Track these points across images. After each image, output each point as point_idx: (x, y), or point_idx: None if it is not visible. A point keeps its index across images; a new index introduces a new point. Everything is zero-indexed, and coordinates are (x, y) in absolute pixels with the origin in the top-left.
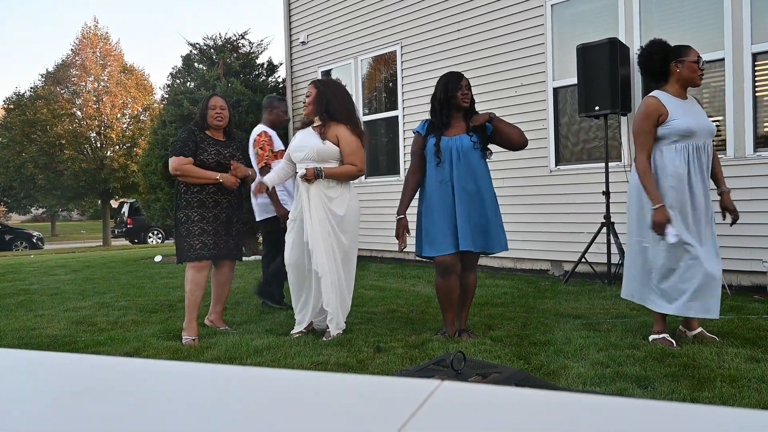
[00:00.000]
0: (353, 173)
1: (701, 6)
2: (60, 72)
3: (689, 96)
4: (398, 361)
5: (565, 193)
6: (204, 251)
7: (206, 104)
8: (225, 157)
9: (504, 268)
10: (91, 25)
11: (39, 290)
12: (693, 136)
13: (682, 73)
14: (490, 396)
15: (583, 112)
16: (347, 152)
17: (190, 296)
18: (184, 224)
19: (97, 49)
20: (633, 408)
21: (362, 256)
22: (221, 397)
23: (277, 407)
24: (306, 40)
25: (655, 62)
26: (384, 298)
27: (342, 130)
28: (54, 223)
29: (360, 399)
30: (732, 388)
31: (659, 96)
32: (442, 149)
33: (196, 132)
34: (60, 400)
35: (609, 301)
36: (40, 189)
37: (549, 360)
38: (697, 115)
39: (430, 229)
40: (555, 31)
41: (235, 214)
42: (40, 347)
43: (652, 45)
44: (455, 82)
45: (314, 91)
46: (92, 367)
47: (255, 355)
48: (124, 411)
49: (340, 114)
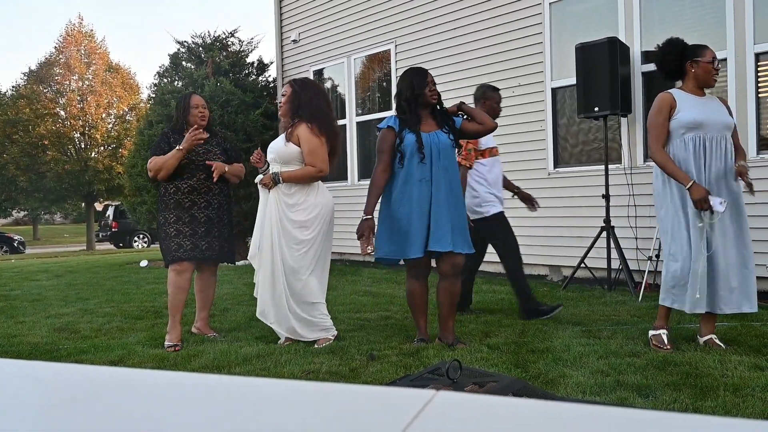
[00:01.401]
0: (312, 174)
1: (703, 5)
2: (43, 70)
3: (708, 93)
4: (392, 369)
5: (564, 196)
6: (179, 253)
7: (187, 104)
8: (198, 154)
9: (501, 273)
10: (76, 23)
11: (20, 296)
12: (701, 127)
13: (696, 73)
14: (487, 406)
15: (583, 113)
16: (305, 152)
17: (171, 299)
18: (163, 227)
19: (82, 47)
20: (634, 418)
21: (355, 261)
22: (209, 408)
23: (267, 419)
24: (298, 39)
25: (671, 62)
26: (377, 304)
27: (302, 129)
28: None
29: (352, 409)
30: (735, 397)
31: (672, 92)
32: (424, 144)
33: (170, 134)
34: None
35: (609, 308)
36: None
37: (547, 368)
38: (710, 109)
39: (403, 231)
40: (553, 30)
41: (217, 215)
42: (21, 355)
43: (668, 44)
44: (422, 79)
45: (289, 90)
46: (75, 377)
47: (244, 363)
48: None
49: (305, 113)
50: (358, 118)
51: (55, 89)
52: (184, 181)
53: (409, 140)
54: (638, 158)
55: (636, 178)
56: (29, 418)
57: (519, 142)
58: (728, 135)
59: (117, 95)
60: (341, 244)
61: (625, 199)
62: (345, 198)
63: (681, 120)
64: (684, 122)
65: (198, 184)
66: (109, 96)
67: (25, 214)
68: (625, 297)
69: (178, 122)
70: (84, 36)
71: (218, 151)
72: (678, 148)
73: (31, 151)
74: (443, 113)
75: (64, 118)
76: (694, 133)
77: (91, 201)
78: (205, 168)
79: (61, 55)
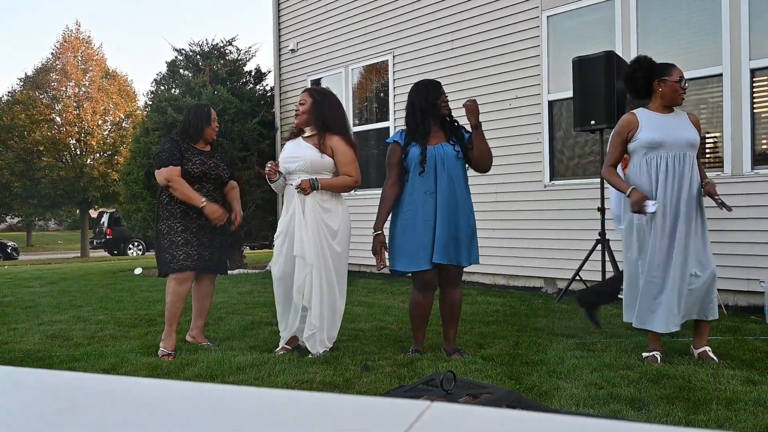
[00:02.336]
0: (349, 184)
1: (699, 20)
2: (39, 76)
3: (678, 110)
4: (386, 380)
5: (560, 209)
6: (188, 262)
7: (208, 116)
8: (210, 167)
9: (496, 285)
10: (73, 29)
11: (13, 303)
12: (661, 146)
13: (663, 92)
14: (481, 417)
15: (579, 126)
16: (343, 162)
17: (170, 308)
18: (167, 235)
19: (79, 54)
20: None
21: (351, 270)
22: (202, 417)
23: (260, 428)
24: (295, 48)
25: (639, 79)
26: (372, 314)
27: (336, 141)
28: (30, 232)
29: (346, 420)
30: (728, 411)
31: (637, 112)
32: (428, 158)
33: (180, 142)
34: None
35: (603, 321)
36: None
37: (541, 380)
38: (671, 127)
39: (410, 243)
40: (551, 43)
41: (221, 226)
42: (13, 362)
43: (636, 62)
44: (436, 89)
45: (309, 100)
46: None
47: (238, 372)
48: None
49: (335, 125)
50: (355, 128)
51: (52, 95)
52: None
53: (413, 153)
54: None
55: None
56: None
57: (515, 154)
58: (691, 153)
59: (113, 102)
60: None
61: None
62: None
63: (641, 140)
64: (643, 142)
65: (206, 195)
66: (105, 103)
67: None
68: (619, 310)
69: (194, 131)
70: (81, 42)
71: (224, 165)
72: (639, 168)
73: (26, 157)
74: (453, 125)
75: (59, 124)
76: (656, 153)
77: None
78: (214, 179)
79: (58, 61)
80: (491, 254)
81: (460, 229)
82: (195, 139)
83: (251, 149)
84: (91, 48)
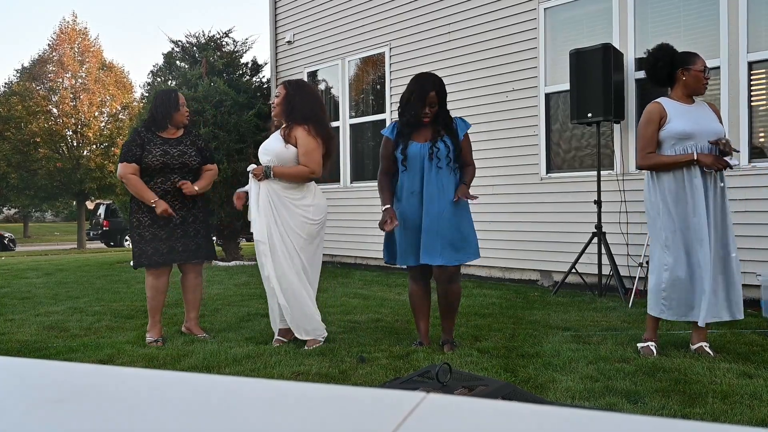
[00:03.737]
0: (304, 174)
1: (697, 13)
2: (36, 68)
3: (699, 100)
4: (382, 372)
5: (556, 202)
6: (156, 257)
7: (176, 102)
8: (173, 156)
9: (492, 277)
10: (70, 20)
11: (9, 294)
12: (691, 138)
13: (687, 81)
14: (477, 409)
15: (576, 119)
16: (301, 153)
17: (150, 301)
18: (136, 229)
19: (75, 45)
20: (622, 423)
21: (346, 263)
22: (198, 408)
23: (256, 419)
24: (292, 40)
25: (662, 69)
26: (368, 306)
27: (299, 131)
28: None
29: (342, 411)
30: (724, 404)
31: (662, 101)
32: (412, 156)
33: (143, 133)
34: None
35: (599, 313)
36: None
37: (537, 373)
38: (699, 118)
39: (399, 240)
40: (548, 36)
41: (192, 214)
42: (10, 353)
43: (659, 51)
44: (422, 96)
45: (283, 92)
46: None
47: (234, 364)
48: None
49: (302, 115)
50: (351, 120)
51: (48, 87)
52: (158, 184)
53: (402, 152)
54: (630, 165)
55: (628, 184)
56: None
57: (512, 146)
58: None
59: (110, 94)
60: (333, 246)
61: (616, 206)
62: (337, 200)
63: (671, 131)
64: (674, 133)
65: (172, 187)
66: (102, 94)
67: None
68: (615, 303)
69: (162, 118)
70: (78, 34)
71: (193, 152)
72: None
73: (23, 149)
74: (446, 123)
75: (56, 115)
76: (684, 144)
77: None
78: (179, 170)
79: (55, 53)
80: (487, 246)
81: (451, 229)
82: (163, 126)
83: (247, 141)
84: (87, 39)
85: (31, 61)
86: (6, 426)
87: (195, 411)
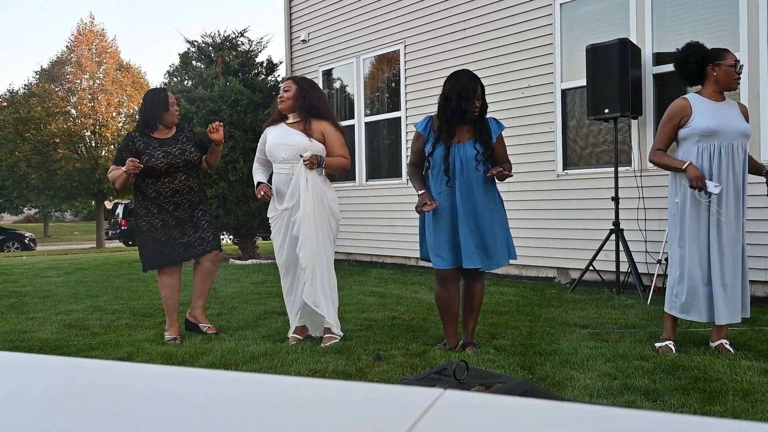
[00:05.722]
0: (345, 165)
1: (716, 6)
2: (55, 69)
3: (728, 98)
4: (399, 369)
5: (573, 198)
6: (160, 260)
7: (165, 102)
8: (175, 156)
9: (509, 275)
10: (87, 22)
11: (30, 292)
12: (715, 136)
13: (718, 77)
14: (494, 406)
15: (592, 115)
16: (336, 146)
17: (166, 301)
18: (138, 234)
19: (93, 46)
20: (641, 419)
21: (362, 261)
22: (216, 404)
23: (273, 414)
24: (307, 39)
25: (692, 65)
26: (384, 304)
27: (326, 126)
28: (47, 223)
29: (359, 407)
30: (744, 402)
31: (689, 98)
32: (443, 156)
33: (138, 139)
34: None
35: (617, 311)
36: (33, 189)
37: (554, 371)
38: (726, 116)
39: (431, 239)
40: (564, 31)
41: (200, 209)
42: (31, 351)
43: (688, 48)
44: (471, 92)
45: (294, 87)
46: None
47: (251, 361)
48: (116, 416)
49: (322, 111)
50: (366, 118)
51: (67, 88)
52: (166, 184)
53: (437, 153)
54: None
55: (646, 180)
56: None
57: (528, 143)
58: (744, 142)
59: (127, 94)
60: (349, 245)
61: (634, 202)
62: (353, 198)
63: (695, 128)
64: (698, 130)
65: (179, 185)
66: (119, 95)
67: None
68: (633, 300)
69: (151, 118)
70: (95, 35)
71: (192, 148)
72: (689, 156)
73: (43, 149)
74: (483, 124)
75: (75, 116)
76: (708, 142)
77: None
78: (184, 167)
79: (73, 54)
80: None
81: (486, 232)
82: (154, 127)
83: None
84: (105, 41)
85: (49, 63)
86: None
87: (213, 407)
